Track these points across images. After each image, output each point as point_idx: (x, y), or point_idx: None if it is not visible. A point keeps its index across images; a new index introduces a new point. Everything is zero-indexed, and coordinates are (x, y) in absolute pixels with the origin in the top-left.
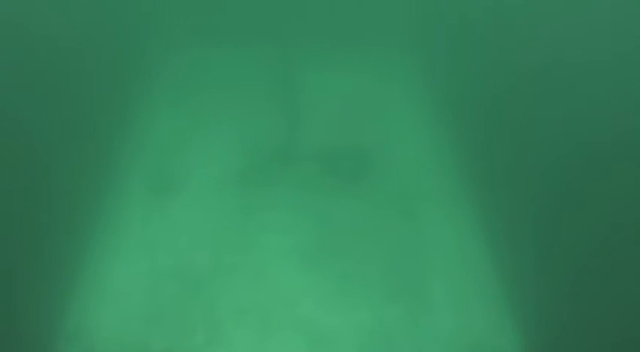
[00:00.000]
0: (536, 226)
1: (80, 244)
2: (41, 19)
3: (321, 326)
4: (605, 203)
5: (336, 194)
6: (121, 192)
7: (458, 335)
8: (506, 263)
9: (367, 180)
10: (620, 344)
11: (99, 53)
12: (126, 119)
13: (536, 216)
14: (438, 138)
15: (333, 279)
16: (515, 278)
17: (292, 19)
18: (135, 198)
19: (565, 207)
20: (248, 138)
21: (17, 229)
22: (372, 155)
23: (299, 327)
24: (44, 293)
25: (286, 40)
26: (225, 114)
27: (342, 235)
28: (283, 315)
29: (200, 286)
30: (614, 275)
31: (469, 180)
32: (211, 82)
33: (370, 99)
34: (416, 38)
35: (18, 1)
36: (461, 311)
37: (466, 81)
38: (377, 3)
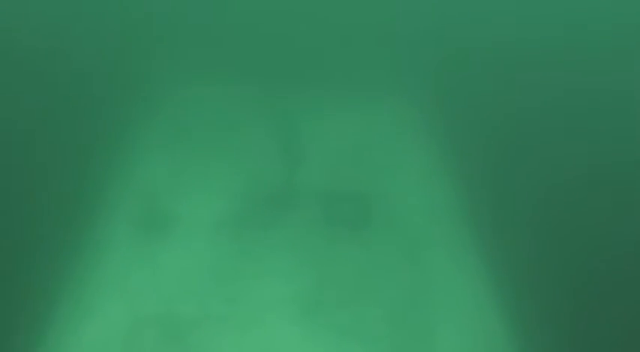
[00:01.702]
0: (546, 271)
1: (56, 287)
2: (35, 55)
3: None
4: (610, 248)
5: (337, 240)
6: (104, 232)
7: None
8: (517, 312)
9: (370, 226)
10: None
11: (91, 90)
12: (115, 157)
13: (545, 261)
14: (443, 182)
15: (332, 333)
16: (527, 330)
17: (291, 59)
18: (119, 239)
19: (574, 250)
20: (244, 180)
21: None
22: (374, 199)
23: None
24: (15, 342)
25: (285, 79)
26: (220, 155)
27: (342, 284)
28: None
29: (184, 338)
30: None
31: (474, 225)
32: (206, 121)
33: (372, 141)
34: (420, 79)
35: (17, 35)
36: None
37: (470, 123)
38: (381, 45)
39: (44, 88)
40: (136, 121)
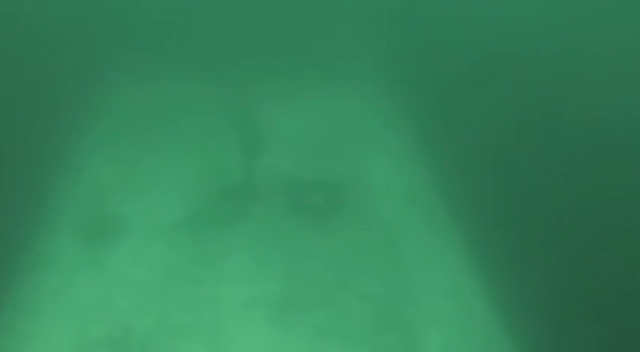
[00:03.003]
0: (533, 252)
1: None
2: None
3: None
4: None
5: (307, 233)
6: (46, 242)
7: None
8: (505, 301)
9: (340, 216)
10: None
11: (33, 87)
12: (57, 159)
13: (531, 242)
14: (415, 167)
15: (310, 335)
16: (518, 316)
17: (249, 47)
18: (62, 249)
19: (557, 231)
20: (199, 175)
21: None
22: (344, 187)
23: None
24: None
25: (242, 69)
26: (173, 151)
27: (317, 281)
28: None
29: None
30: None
31: (452, 209)
32: (156, 117)
33: (340, 127)
34: (382, 63)
35: None
36: None
37: (441, 107)
38: (347, 30)
39: None
40: (81, 120)
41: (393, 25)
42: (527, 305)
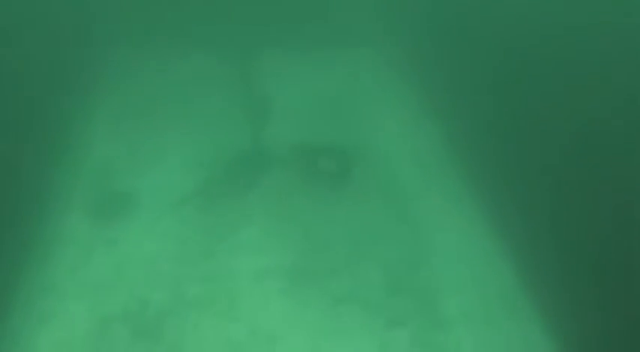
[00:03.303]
0: (551, 217)
1: (4, 292)
2: None
3: None
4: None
5: (318, 200)
6: (55, 223)
7: None
8: (523, 261)
9: (353, 181)
10: None
11: (31, 61)
12: (62, 138)
13: (548, 206)
14: (423, 127)
15: (327, 303)
16: (536, 279)
17: (250, 14)
18: (73, 229)
19: (577, 196)
20: (206, 146)
21: None
22: (354, 151)
23: None
24: None
25: (241, 38)
26: (178, 122)
27: (329, 250)
28: None
29: (160, 331)
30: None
31: (464, 171)
32: (160, 92)
33: (344, 92)
34: (386, 28)
35: None
36: (479, 327)
37: (451, 70)
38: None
39: None
40: (84, 98)
41: None
42: (544, 263)
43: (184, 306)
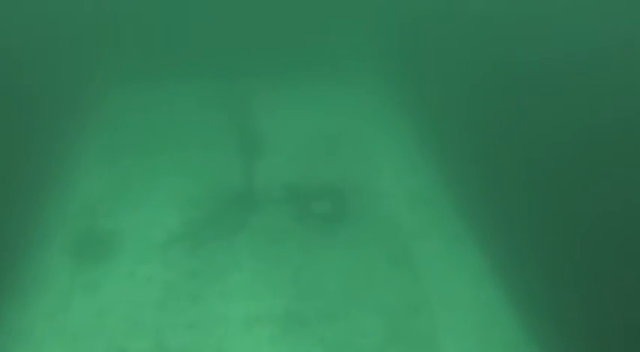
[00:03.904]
0: (551, 253)
1: None
2: None
3: None
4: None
5: (312, 242)
6: (35, 264)
7: None
8: (525, 307)
9: (347, 222)
10: None
11: (22, 97)
12: (45, 173)
13: (549, 242)
14: (420, 166)
15: (322, 351)
16: (539, 326)
17: (247, 49)
18: (53, 271)
19: (581, 239)
20: (196, 185)
21: None
22: (348, 191)
23: None
24: None
25: (235, 72)
26: (167, 159)
27: (323, 295)
28: None
29: None
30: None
31: (463, 212)
32: (150, 125)
33: (339, 130)
34: (383, 67)
35: None
36: None
37: (448, 108)
38: (349, 31)
39: None
40: (71, 130)
41: (394, 26)
42: (546, 310)
43: None
